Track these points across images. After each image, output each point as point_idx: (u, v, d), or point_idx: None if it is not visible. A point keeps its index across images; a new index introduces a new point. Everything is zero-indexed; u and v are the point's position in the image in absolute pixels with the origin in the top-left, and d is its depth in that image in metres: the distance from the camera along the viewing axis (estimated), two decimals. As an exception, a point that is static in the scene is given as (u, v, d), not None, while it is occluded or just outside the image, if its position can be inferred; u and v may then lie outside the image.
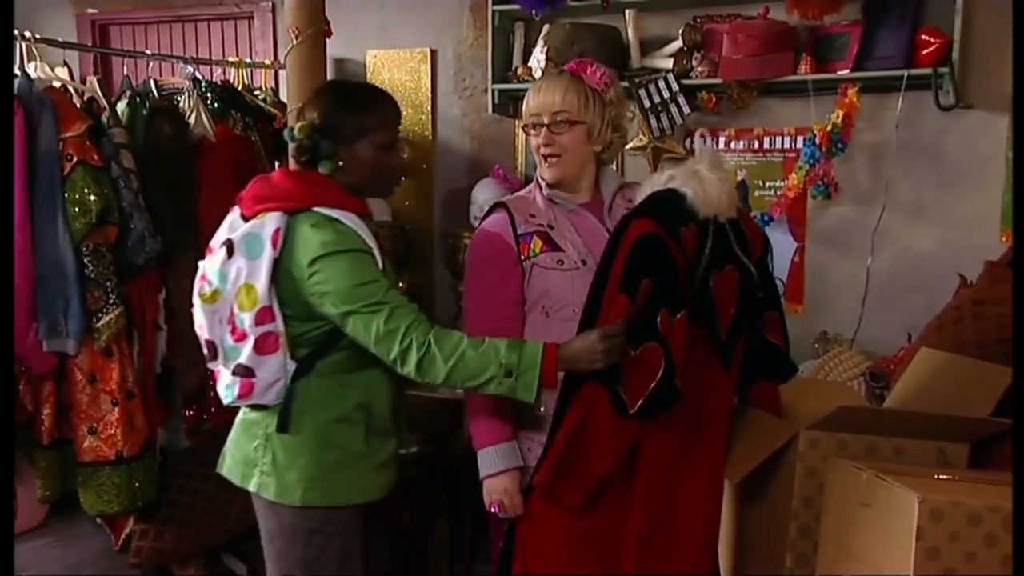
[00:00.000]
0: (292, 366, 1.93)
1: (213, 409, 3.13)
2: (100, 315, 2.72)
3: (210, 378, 3.09)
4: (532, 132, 2.01)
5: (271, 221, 1.87)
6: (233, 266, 1.88)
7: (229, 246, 1.89)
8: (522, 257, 1.98)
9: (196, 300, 1.97)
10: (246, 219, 1.91)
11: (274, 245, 1.85)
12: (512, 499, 1.94)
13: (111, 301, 2.74)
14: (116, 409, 2.77)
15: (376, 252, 1.92)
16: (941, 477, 1.74)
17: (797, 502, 1.88)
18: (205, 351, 2.01)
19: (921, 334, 2.55)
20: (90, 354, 2.75)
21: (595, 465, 1.83)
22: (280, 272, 1.88)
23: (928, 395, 2.16)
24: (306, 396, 1.94)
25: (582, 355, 1.78)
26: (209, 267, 1.93)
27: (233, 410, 2.10)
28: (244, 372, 1.92)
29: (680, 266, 1.79)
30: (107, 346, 2.75)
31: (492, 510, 1.97)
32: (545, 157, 1.99)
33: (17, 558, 2.64)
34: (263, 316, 1.88)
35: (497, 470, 1.95)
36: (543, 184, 2.05)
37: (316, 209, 1.89)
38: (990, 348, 2.22)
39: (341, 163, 1.94)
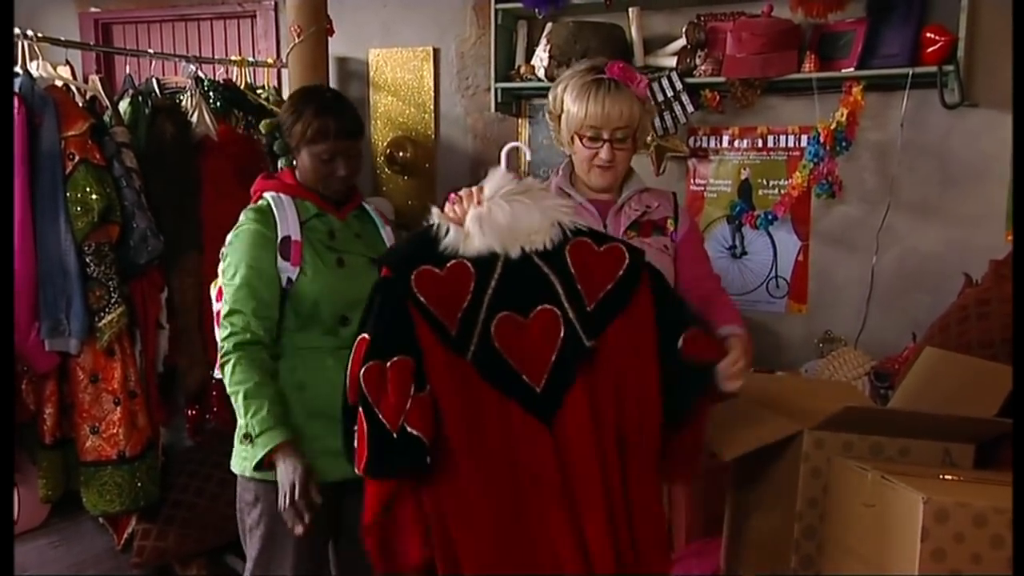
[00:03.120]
0: None
1: (216, 408, 3.13)
2: (102, 314, 2.72)
3: (212, 377, 3.13)
4: (587, 143, 1.99)
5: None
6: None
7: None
8: None
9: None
10: None
11: None
12: None
13: (113, 300, 2.73)
14: (118, 408, 2.77)
15: (288, 235, 1.98)
16: (946, 478, 1.73)
17: (801, 502, 1.87)
18: None
19: (926, 333, 2.54)
20: (92, 353, 2.75)
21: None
22: None
23: (933, 395, 2.15)
24: None
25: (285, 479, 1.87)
26: None
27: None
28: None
29: (410, 315, 1.60)
30: (109, 345, 2.75)
31: None
32: (597, 165, 2.00)
33: (19, 558, 2.65)
34: (220, 294, 2.04)
35: None
36: (569, 181, 2.07)
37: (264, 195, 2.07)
38: (995, 348, 2.21)
39: (295, 162, 2.09)
